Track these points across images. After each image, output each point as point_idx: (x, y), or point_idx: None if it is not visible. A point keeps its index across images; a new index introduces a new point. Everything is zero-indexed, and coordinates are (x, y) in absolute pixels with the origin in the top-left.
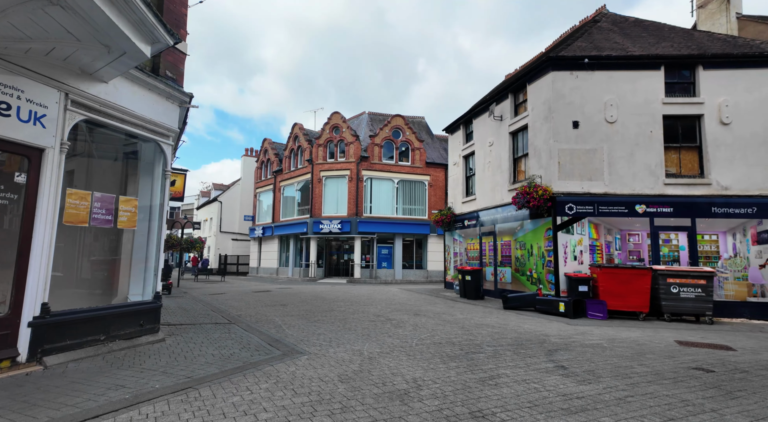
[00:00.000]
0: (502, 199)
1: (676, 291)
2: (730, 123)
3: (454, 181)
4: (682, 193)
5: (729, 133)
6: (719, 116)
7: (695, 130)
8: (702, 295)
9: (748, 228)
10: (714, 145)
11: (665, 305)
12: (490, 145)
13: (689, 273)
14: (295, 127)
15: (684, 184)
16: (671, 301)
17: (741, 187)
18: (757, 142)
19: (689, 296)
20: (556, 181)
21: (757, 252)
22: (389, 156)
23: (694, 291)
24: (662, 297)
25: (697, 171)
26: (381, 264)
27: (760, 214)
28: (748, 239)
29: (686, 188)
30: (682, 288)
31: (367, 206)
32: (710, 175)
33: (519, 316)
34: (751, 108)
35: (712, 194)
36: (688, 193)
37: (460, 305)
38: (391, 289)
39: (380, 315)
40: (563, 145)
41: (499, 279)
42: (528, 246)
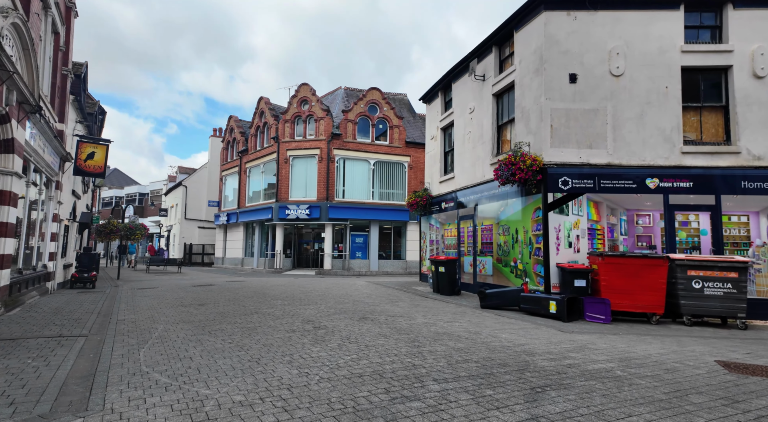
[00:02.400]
0: (484, 175)
1: (699, 287)
2: (765, 76)
3: (432, 158)
4: (704, 163)
5: (764, 89)
6: (752, 67)
7: (721, 85)
8: (733, 292)
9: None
10: (744, 103)
11: (685, 304)
12: (470, 112)
13: (717, 264)
14: (261, 101)
15: (706, 152)
16: (693, 300)
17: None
18: None
19: (716, 293)
20: (548, 149)
21: None
22: (365, 134)
23: (722, 286)
24: (681, 295)
25: (722, 137)
26: (355, 255)
27: None
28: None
29: (709, 158)
30: (707, 283)
31: (340, 190)
32: (739, 141)
33: (497, 319)
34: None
35: (741, 165)
36: (711, 163)
37: (428, 303)
38: (357, 283)
39: (311, 321)
40: (557, 104)
41: (478, 270)
42: (512, 231)
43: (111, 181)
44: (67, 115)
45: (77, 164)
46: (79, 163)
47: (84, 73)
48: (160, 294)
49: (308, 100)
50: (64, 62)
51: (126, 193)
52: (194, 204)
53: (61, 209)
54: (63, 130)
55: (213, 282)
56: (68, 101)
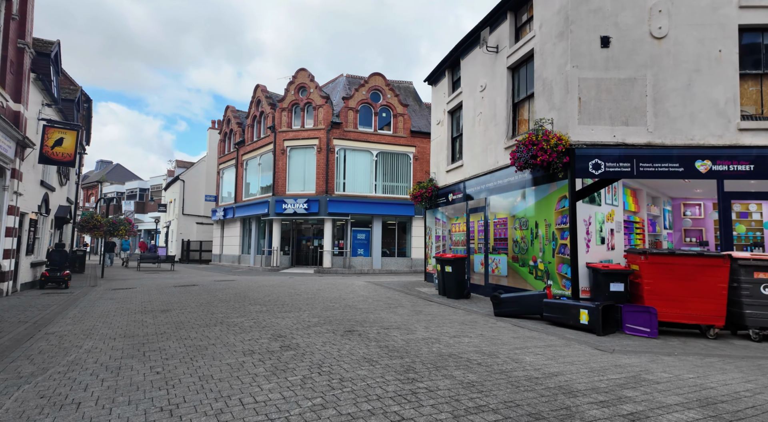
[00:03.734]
0: (497, 161)
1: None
2: None
3: (438, 146)
4: (767, 142)
5: None
6: None
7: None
8: None
9: None
10: None
11: (751, 315)
12: (482, 90)
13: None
14: (257, 89)
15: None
16: (762, 309)
17: None
18: None
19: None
20: (576, 127)
21: None
22: (367, 123)
23: None
24: (746, 303)
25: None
26: (357, 252)
27: None
28: None
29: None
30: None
31: (340, 182)
32: None
33: (516, 332)
34: None
35: None
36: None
37: (432, 309)
38: (356, 283)
39: (282, 337)
40: (586, 73)
41: (490, 270)
42: (532, 225)
43: (113, 177)
44: (26, 94)
45: (43, 151)
46: (45, 150)
47: (56, 53)
48: (129, 297)
49: (306, 87)
50: (20, 34)
51: (126, 188)
52: (192, 199)
53: (22, 201)
54: (20, 112)
55: (198, 282)
56: (27, 79)
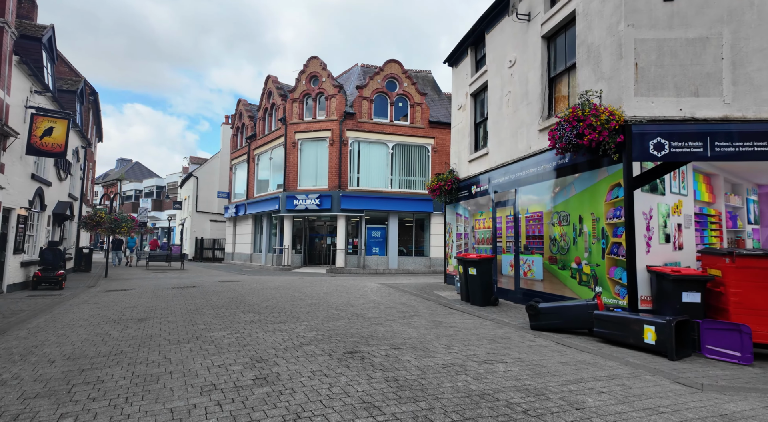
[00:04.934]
0: (529, 146)
1: None
2: None
3: (459, 133)
4: None
5: None
6: None
7: None
8: None
9: None
10: None
11: None
12: (511, 65)
13: None
14: (268, 80)
15: None
16: None
17: None
18: None
19: None
20: (631, 99)
21: None
22: (382, 114)
23: None
24: None
25: None
26: (371, 250)
27: None
28: None
29: None
30: None
31: (354, 177)
32: None
33: (563, 354)
34: None
35: None
36: None
37: (454, 320)
38: (369, 284)
39: (261, 362)
40: (644, 33)
41: (522, 273)
42: (574, 220)
43: (132, 175)
44: (7, 79)
45: (31, 141)
46: (33, 140)
47: (49, 37)
48: (115, 301)
49: (318, 76)
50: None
51: (144, 186)
52: (206, 196)
53: (5, 195)
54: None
55: (200, 283)
56: (8, 62)
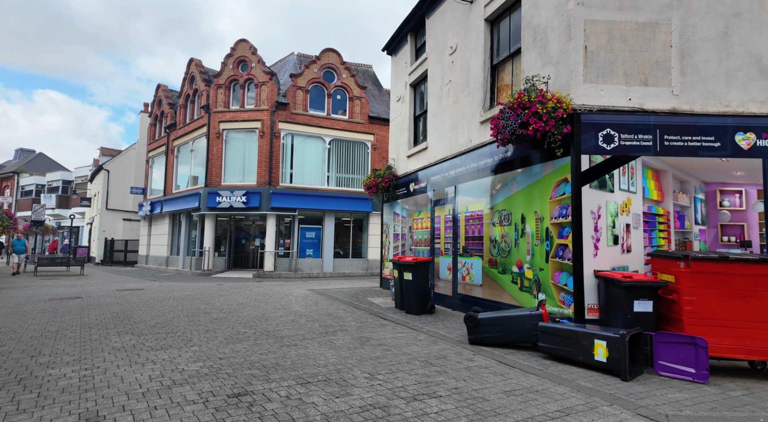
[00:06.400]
0: (470, 140)
1: None
2: None
3: (398, 127)
4: None
5: None
6: None
7: None
8: None
9: None
10: None
11: None
12: (452, 52)
13: None
14: (191, 64)
15: None
16: None
17: None
18: None
19: None
20: (580, 86)
21: None
22: (319, 106)
23: None
24: None
25: None
26: (305, 253)
27: None
28: None
29: None
30: None
31: (286, 173)
32: None
33: (506, 380)
34: None
35: None
36: None
37: (384, 334)
38: (296, 291)
39: (97, 419)
40: (595, 13)
41: (460, 278)
42: (516, 219)
43: (34, 167)
44: None
45: None
46: None
47: None
48: None
49: (247, 61)
50: None
51: (48, 179)
52: (119, 192)
53: None
54: None
55: (89, 293)
56: None
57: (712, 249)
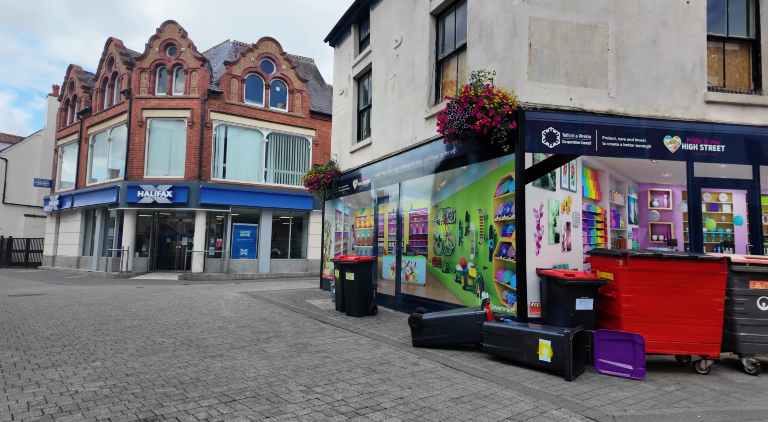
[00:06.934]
0: (415, 136)
1: (766, 309)
2: None
3: (341, 121)
4: (734, 119)
5: None
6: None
7: (747, 9)
8: None
9: None
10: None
11: (746, 338)
12: (397, 46)
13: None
14: (110, 44)
15: (735, 103)
16: (757, 330)
17: None
18: None
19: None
20: (525, 84)
21: None
22: (256, 97)
23: None
24: (739, 322)
25: (749, 84)
26: (239, 253)
27: None
28: None
29: (739, 112)
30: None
31: (219, 167)
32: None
33: (453, 385)
34: None
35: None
36: (742, 120)
37: (323, 340)
38: (226, 295)
39: None
40: (539, 11)
41: (404, 277)
42: (460, 217)
43: None
44: None
45: None
46: None
47: None
48: None
49: (176, 45)
50: None
51: None
52: (20, 184)
53: None
54: None
55: None
56: None
57: (644, 247)
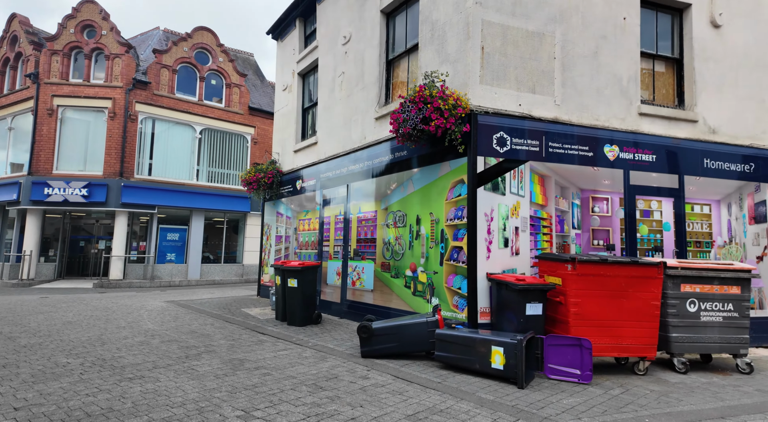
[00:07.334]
0: (364, 136)
1: (695, 311)
2: (722, 25)
3: (284, 118)
4: (663, 131)
5: (720, 42)
6: (710, 12)
7: (672, 30)
8: (734, 317)
9: (745, 196)
10: (701, 58)
11: (678, 339)
12: (345, 43)
13: (718, 275)
14: (14, 20)
15: (664, 116)
16: (688, 331)
17: (730, 131)
18: (750, 63)
19: (714, 319)
20: (477, 87)
21: (754, 235)
22: (189, 89)
23: (721, 309)
24: (672, 324)
25: (673, 99)
26: (165, 257)
27: (758, 175)
28: (745, 214)
29: (667, 124)
30: (705, 305)
31: (144, 163)
32: (696, 106)
33: (406, 399)
34: (744, 6)
35: (700, 138)
36: (669, 132)
37: (262, 354)
38: (150, 304)
39: None
40: (491, 15)
41: (350, 283)
42: (411, 221)
43: None
44: None
45: None
46: None
47: None
48: None
49: (96, 27)
50: None
51: None
52: None
53: None
54: None
55: None
56: None
57: (586, 251)
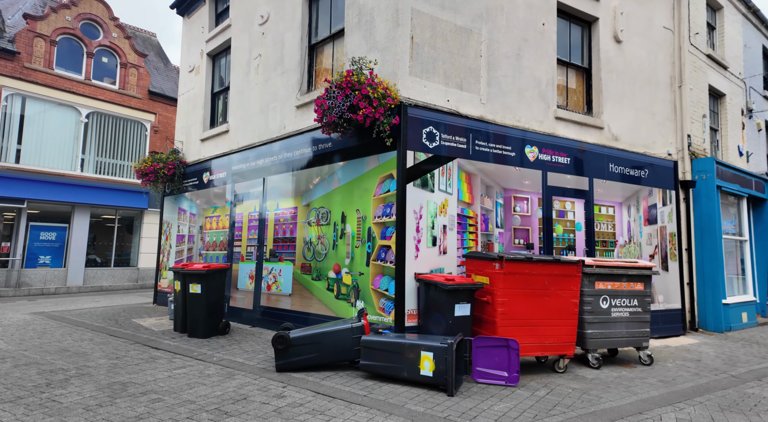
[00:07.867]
0: (284, 125)
1: (607, 307)
2: (623, 41)
3: (189, 102)
4: (575, 135)
5: (621, 56)
6: (614, 27)
7: (582, 41)
8: (638, 312)
9: (641, 199)
10: (607, 69)
11: (593, 335)
12: (262, 23)
13: (626, 272)
14: None
15: (576, 121)
16: (601, 327)
17: (629, 138)
18: (644, 78)
19: (623, 315)
20: (406, 78)
21: (648, 235)
22: (73, 66)
23: (629, 304)
24: (587, 320)
25: (583, 106)
26: (37, 260)
27: (651, 181)
28: (641, 216)
29: (578, 130)
30: (615, 301)
31: (10, 148)
32: (602, 114)
33: (329, 418)
34: (640, 25)
35: (605, 144)
36: (580, 136)
37: (153, 372)
38: (10, 317)
39: None
40: (421, 5)
41: (265, 287)
42: (336, 218)
43: None
44: None
45: None
46: None
47: None
48: None
49: None
50: None
51: None
52: None
53: None
54: None
55: None
56: None
57: (508, 250)
